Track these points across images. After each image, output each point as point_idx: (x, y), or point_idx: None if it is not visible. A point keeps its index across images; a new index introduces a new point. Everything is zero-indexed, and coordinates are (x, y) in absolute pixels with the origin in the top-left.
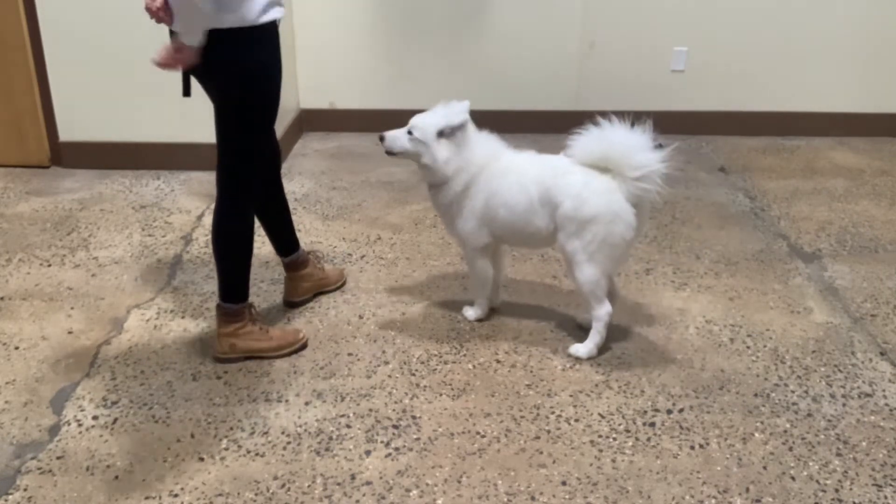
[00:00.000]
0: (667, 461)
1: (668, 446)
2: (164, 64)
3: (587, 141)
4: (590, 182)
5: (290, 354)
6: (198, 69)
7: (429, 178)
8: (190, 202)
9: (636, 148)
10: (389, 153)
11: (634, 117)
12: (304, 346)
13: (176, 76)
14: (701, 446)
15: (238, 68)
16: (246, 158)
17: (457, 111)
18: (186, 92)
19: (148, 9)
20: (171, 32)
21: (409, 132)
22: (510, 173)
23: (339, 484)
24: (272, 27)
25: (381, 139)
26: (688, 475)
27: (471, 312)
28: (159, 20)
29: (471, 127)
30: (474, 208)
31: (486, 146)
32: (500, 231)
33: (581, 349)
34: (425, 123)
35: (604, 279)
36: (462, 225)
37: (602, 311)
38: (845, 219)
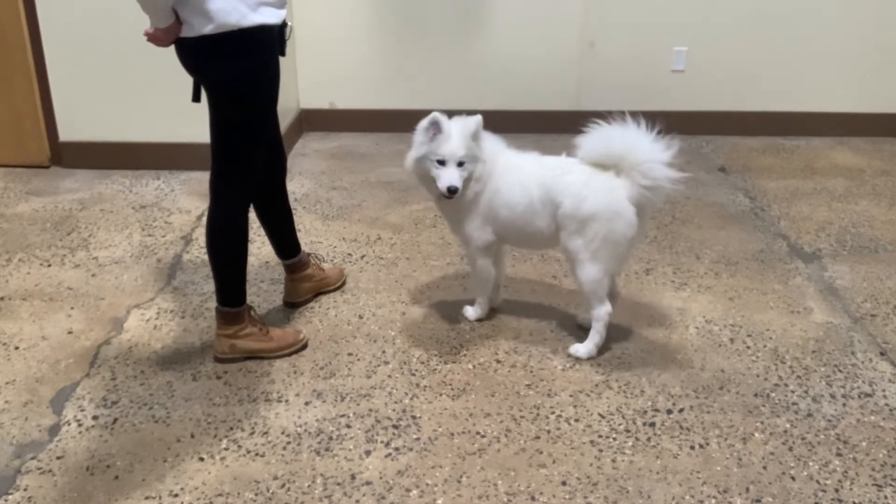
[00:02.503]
0: (667, 461)
1: (668, 446)
2: (149, 37)
3: (606, 137)
4: (590, 181)
5: (290, 355)
6: (196, 76)
7: (474, 188)
8: (190, 202)
9: (656, 160)
10: (455, 192)
11: (634, 118)
12: (304, 347)
13: (185, 79)
14: (701, 446)
15: (223, 78)
16: (238, 167)
17: (466, 119)
18: (196, 98)
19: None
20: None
21: (460, 163)
22: (511, 172)
23: (339, 484)
24: (260, 32)
25: (454, 192)
26: (688, 475)
27: (471, 312)
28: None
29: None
30: (478, 206)
31: (490, 144)
32: (502, 230)
33: (581, 349)
34: (466, 146)
35: (606, 279)
36: (468, 223)
37: (602, 311)
38: (845, 219)
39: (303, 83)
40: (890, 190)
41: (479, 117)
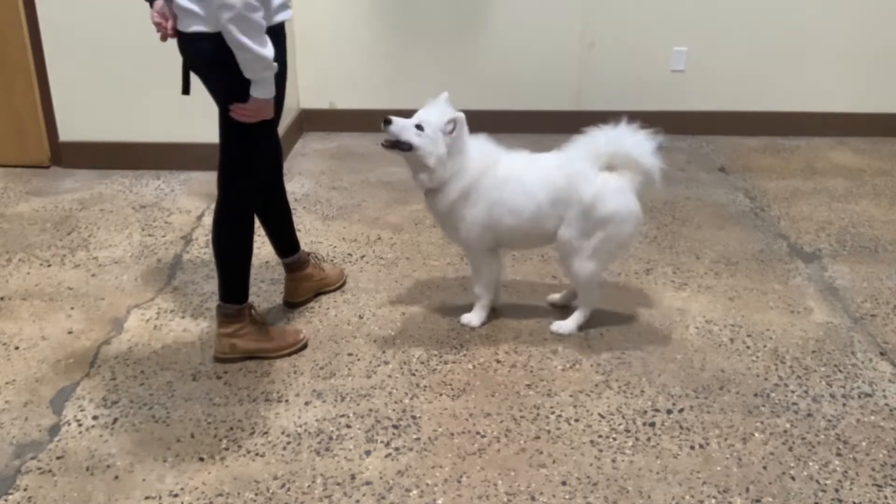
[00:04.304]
0: (667, 461)
1: (668, 446)
2: (156, 24)
3: (596, 140)
4: (606, 181)
5: (290, 355)
6: (198, 68)
7: (426, 183)
8: (190, 202)
9: (645, 149)
10: (390, 144)
11: (634, 118)
12: (304, 347)
13: (178, 74)
14: (701, 446)
15: (233, 70)
16: (246, 160)
17: (453, 111)
18: (185, 90)
19: (158, 25)
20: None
21: (419, 126)
22: (511, 181)
23: (339, 484)
24: (276, 31)
25: (387, 122)
26: (688, 475)
27: (474, 318)
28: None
29: (466, 131)
30: (476, 216)
31: (481, 151)
32: (505, 236)
33: (564, 326)
34: (433, 117)
35: (601, 273)
36: (466, 232)
37: (593, 300)
38: (845, 219)
39: (303, 83)
40: (890, 190)
41: (461, 115)
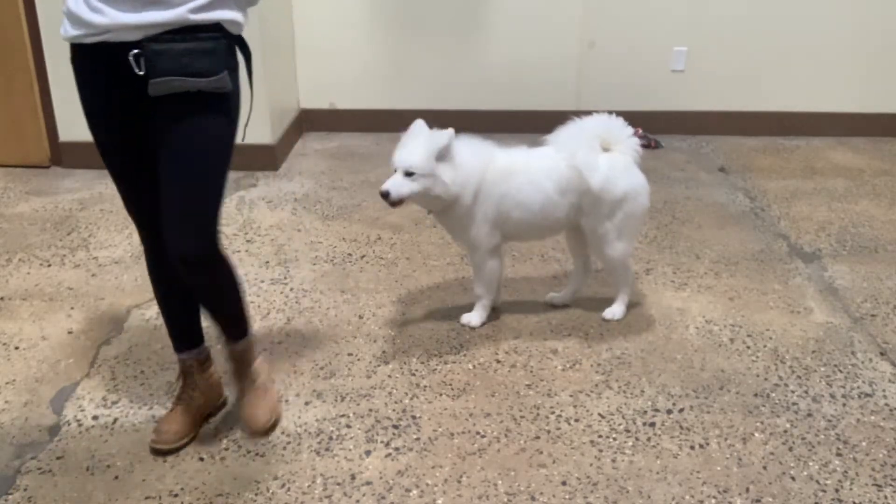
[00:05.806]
0: (667, 461)
1: (668, 446)
2: None
3: (586, 125)
4: (613, 163)
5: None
6: None
7: (438, 206)
8: None
9: (618, 125)
10: (397, 204)
11: (634, 118)
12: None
13: None
14: (701, 446)
15: None
16: None
17: (437, 133)
18: None
19: None
20: None
21: (408, 173)
22: (516, 173)
23: (339, 484)
24: (74, 47)
25: (385, 196)
26: (688, 475)
27: (475, 318)
28: None
29: (455, 139)
30: (486, 214)
31: (477, 150)
32: (513, 230)
33: (615, 312)
34: (419, 157)
35: (632, 249)
36: (475, 231)
37: (630, 279)
38: (845, 219)
39: (303, 83)
40: (890, 190)
41: (450, 132)
